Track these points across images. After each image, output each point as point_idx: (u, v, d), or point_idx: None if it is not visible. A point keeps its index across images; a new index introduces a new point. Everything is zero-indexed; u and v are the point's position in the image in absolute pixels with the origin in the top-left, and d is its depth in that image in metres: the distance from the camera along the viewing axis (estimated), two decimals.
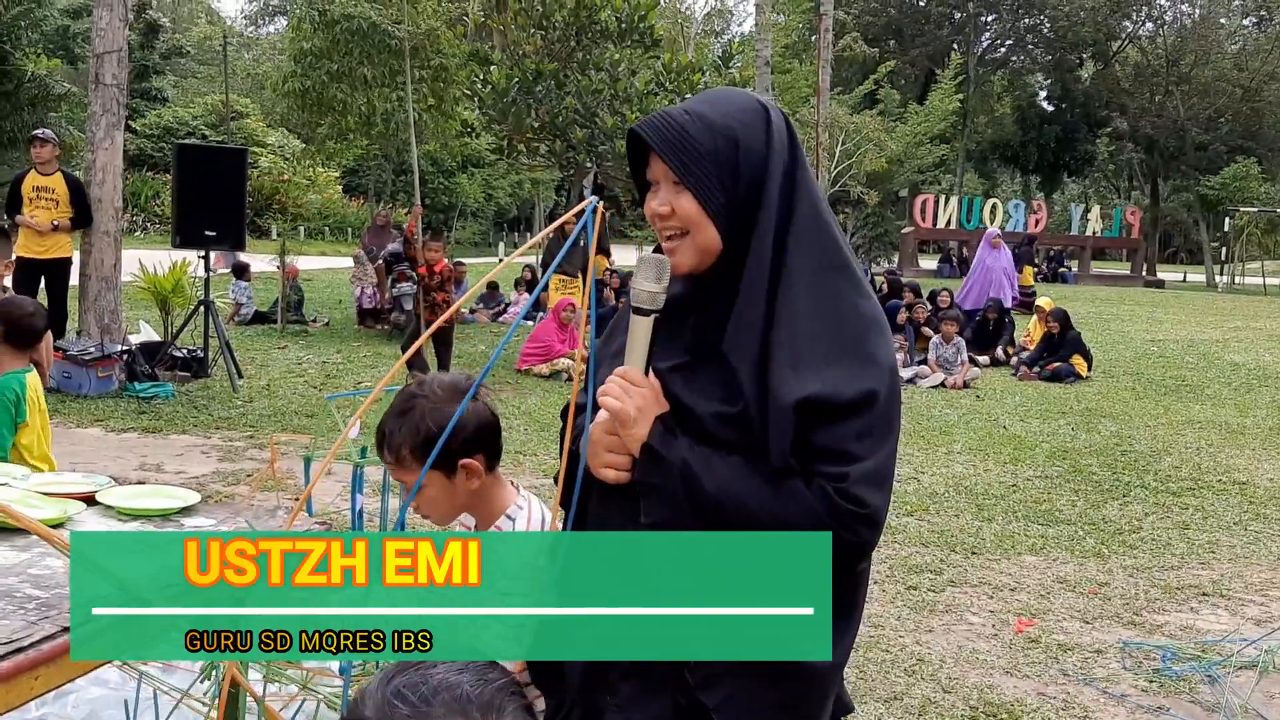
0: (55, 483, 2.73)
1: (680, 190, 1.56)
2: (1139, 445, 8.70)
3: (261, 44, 47.42)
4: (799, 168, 1.59)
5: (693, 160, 1.54)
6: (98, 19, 9.31)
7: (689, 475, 1.51)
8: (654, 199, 1.59)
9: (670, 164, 1.55)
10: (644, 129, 1.57)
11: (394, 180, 33.97)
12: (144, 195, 31.52)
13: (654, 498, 1.54)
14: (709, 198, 1.54)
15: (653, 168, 1.59)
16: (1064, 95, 48.38)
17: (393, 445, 2.00)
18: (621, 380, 1.57)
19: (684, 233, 1.57)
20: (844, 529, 1.48)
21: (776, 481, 1.49)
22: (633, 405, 1.55)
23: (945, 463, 7.80)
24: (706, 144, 1.54)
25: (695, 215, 1.55)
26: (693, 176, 1.54)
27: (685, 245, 1.58)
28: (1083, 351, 12.51)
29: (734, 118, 1.57)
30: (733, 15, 48.93)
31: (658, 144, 1.55)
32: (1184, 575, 5.48)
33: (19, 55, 23.36)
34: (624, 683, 1.56)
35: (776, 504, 1.49)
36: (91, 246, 9.28)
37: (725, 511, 1.50)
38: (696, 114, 1.57)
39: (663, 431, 1.54)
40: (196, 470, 6.58)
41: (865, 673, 4.03)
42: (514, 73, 13.64)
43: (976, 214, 32.52)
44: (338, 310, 15.75)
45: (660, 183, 1.59)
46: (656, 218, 1.59)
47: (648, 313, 1.58)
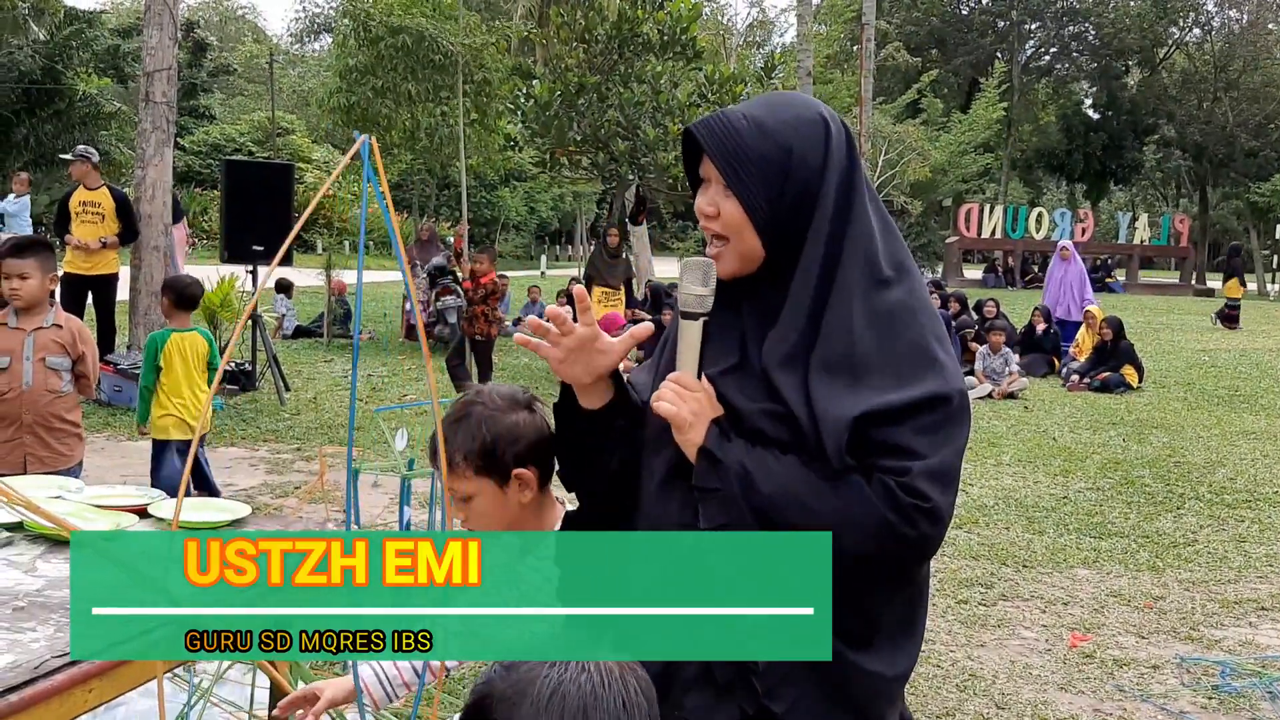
0: (108, 496, 2.75)
1: (727, 194, 1.54)
2: (1192, 456, 8.54)
3: (307, 61, 48.09)
4: (857, 178, 1.56)
5: (741, 166, 1.52)
6: (147, 38, 9.48)
7: (746, 478, 1.49)
8: (702, 196, 1.59)
9: (719, 167, 1.53)
10: (698, 129, 1.56)
11: (438, 195, 34.23)
12: (192, 211, 32.03)
13: (712, 502, 1.51)
14: (753, 205, 1.53)
15: (705, 166, 1.59)
16: (1110, 103, 47.78)
17: (448, 451, 1.95)
18: (675, 385, 1.55)
19: (726, 238, 1.56)
20: (905, 523, 1.46)
21: (835, 479, 1.48)
22: (688, 410, 1.53)
23: (994, 475, 7.70)
24: (757, 150, 1.52)
25: (738, 221, 1.54)
26: (740, 183, 1.52)
27: (727, 251, 1.57)
28: (1134, 362, 12.32)
29: (791, 126, 1.54)
30: (774, 26, 48.69)
31: (710, 145, 1.54)
32: (1241, 589, 5.36)
33: (70, 75, 23.87)
34: (688, 695, 1.54)
35: (837, 500, 1.47)
36: (142, 262, 9.42)
37: (784, 512, 1.48)
38: (753, 119, 1.55)
39: (718, 435, 1.52)
40: (245, 483, 6.64)
41: (917, 688, 3.97)
42: (556, 86, 13.72)
43: (1022, 223, 32.19)
44: (383, 324, 15.88)
45: (710, 182, 1.58)
46: (702, 216, 1.59)
47: (696, 316, 1.56)
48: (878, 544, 1.47)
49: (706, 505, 1.52)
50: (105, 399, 8.78)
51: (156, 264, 9.44)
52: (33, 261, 4.12)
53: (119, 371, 8.86)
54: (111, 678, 1.84)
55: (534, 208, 44.81)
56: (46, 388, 4.14)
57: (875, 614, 1.54)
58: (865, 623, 1.53)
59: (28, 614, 1.94)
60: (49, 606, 1.98)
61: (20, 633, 1.85)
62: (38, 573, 2.17)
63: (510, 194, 41.25)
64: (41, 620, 1.91)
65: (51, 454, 4.15)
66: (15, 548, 2.32)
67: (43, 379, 4.14)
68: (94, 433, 7.79)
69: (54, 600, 2.02)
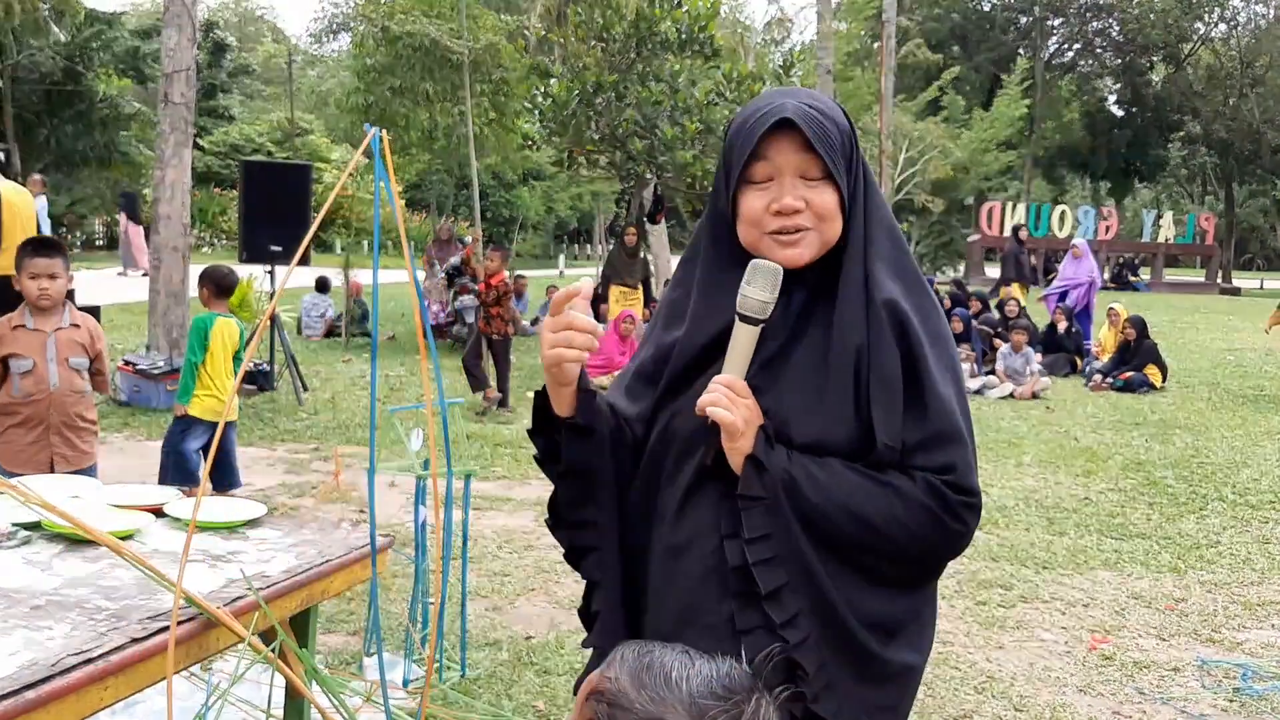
0: (125, 495, 2.77)
1: (815, 184, 1.53)
2: (1216, 457, 8.46)
3: (325, 62, 48.23)
4: (869, 172, 1.62)
5: (834, 154, 1.53)
6: (167, 39, 9.52)
7: (792, 486, 1.49)
8: (780, 193, 1.53)
9: (821, 156, 1.51)
10: (800, 119, 1.51)
11: (456, 194, 34.31)
12: (211, 212, 32.21)
13: (756, 510, 1.50)
14: (847, 191, 1.55)
15: (773, 162, 1.54)
16: (1134, 99, 47.45)
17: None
18: (727, 390, 1.52)
19: (805, 228, 1.54)
20: (956, 520, 1.51)
21: (880, 481, 1.50)
22: (740, 417, 1.51)
23: (1015, 475, 7.65)
24: (838, 137, 1.54)
25: (832, 209, 1.54)
26: (837, 170, 1.53)
27: (808, 239, 1.55)
28: (1157, 361, 12.22)
29: (839, 112, 1.58)
30: (793, 24, 48.65)
31: (814, 137, 1.51)
32: (1264, 591, 5.31)
33: (91, 76, 24.04)
34: None
35: (884, 503, 1.49)
36: (161, 263, 9.47)
37: (832, 519, 1.49)
38: (817, 108, 1.55)
39: (765, 443, 1.51)
40: (262, 482, 6.67)
41: (934, 690, 3.95)
42: (574, 85, 13.71)
43: (1045, 221, 31.98)
44: (401, 324, 15.92)
45: (783, 177, 1.54)
46: (777, 215, 1.54)
47: (756, 322, 1.52)
48: (926, 541, 1.51)
49: (750, 514, 1.51)
50: (125, 399, 8.83)
51: (176, 264, 9.48)
52: (60, 261, 4.14)
53: (139, 372, 8.91)
54: (128, 676, 1.85)
55: (552, 207, 44.87)
56: (72, 388, 4.18)
57: (908, 607, 1.57)
58: (901, 616, 1.56)
59: (45, 612, 1.95)
60: (66, 605, 1.99)
61: (38, 631, 1.86)
62: (54, 571, 2.19)
63: (529, 193, 41.32)
64: (58, 619, 1.92)
65: (76, 453, 4.20)
66: (33, 546, 2.34)
67: (68, 380, 4.17)
68: (113, 432, 7.84)
69: (71, 599, 2.03)
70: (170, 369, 8.82)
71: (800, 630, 1.48)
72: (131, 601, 2.03)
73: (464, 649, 3.97)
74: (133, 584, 2.12)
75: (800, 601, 1.49)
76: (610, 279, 13.34)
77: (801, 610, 1.48)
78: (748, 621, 1.49)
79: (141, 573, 2.08)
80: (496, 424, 8.88)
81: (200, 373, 5.54)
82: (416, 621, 3.93)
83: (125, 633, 1.88)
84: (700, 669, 1.16)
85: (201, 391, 5.54)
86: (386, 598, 4.58)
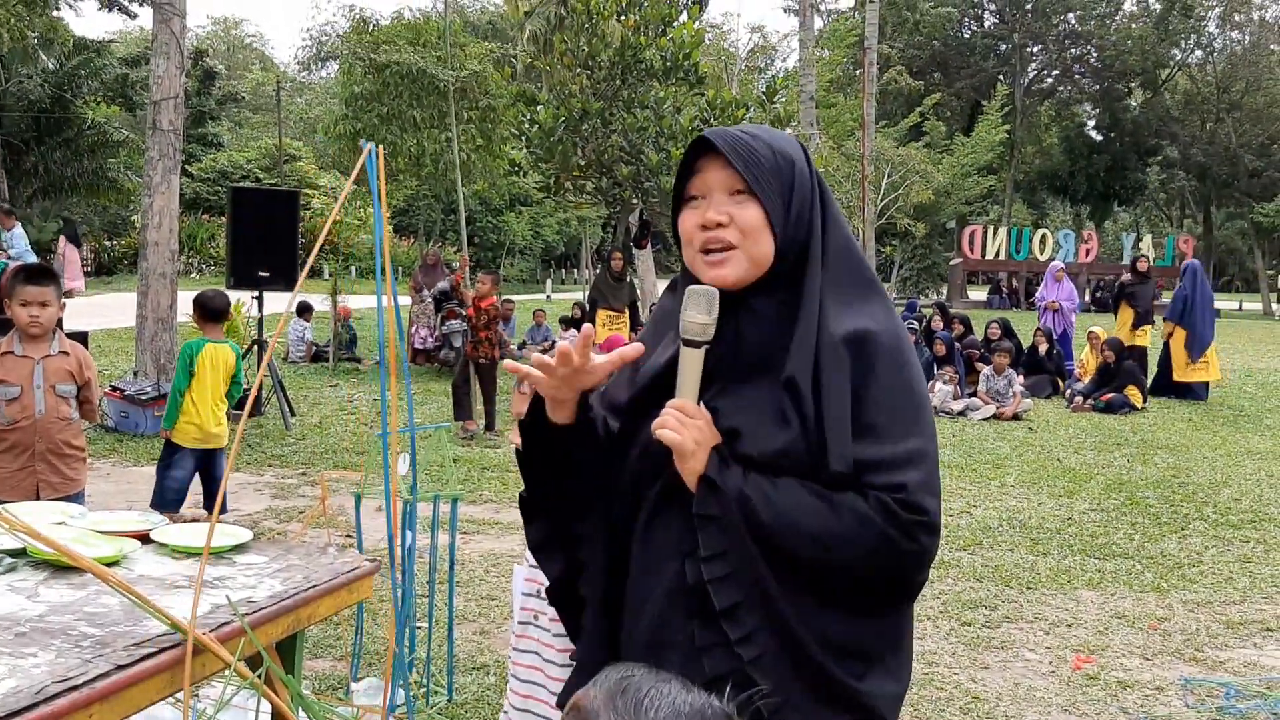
0: (111, 521, 2.77)
1: (742, 200, 1.59)
2: (1197, 477, 8.52)
3: (314, 88, 48.31)
4: (828, 195, 1.68)
5: (758, 170, 1.58)
6: (155, 67, 9.57)
7: (746, 504, 1.51)
8: (706, 209, 1.61)
9: (739, 171, 1.57)
10: (715, 137, 1.60)
11: (443, 219, 34.35)
12: (199, 238, 32.13)
13: (712, 529, 1.53)
14: (773, 208, 1.58)
15: (703, 179, 1.62)
16: (1113, 124, 47.90)
17: None
18: (678, 412, 1.56)
19: (731, 246, 1.59)
20: (907, 539, 1.50)
21: (833, 500, 1.50)
22: (690, 438, 1.54)
23: (998, 496, 7.69)
24: (770, 159, 1.60)
25: (756, 225, 1.58)
26: (759, 185, 1.57)
27: (735, 258, 1.59)
28: (1138, 382, 12.31)
29: (787, 143, 1.64)
30: (776, 51, 48.97)
31: (729, 152, 1.58)
32: (1247, 610, 5.35)
33: (79, 103, 24.03)
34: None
35: (836, 522, 1.49)
36: (148, 288, 9.48)
37: (784, 536, 1.50)
38: (750, 133, 1.62)
39: (718, 462, 1.54)
40: (250, 507, 6.65)
41: (919, 711, 3.97)
42: (560, 112, 13.79)
43: (1026, 244, 32.24)
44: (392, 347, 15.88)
45: (712, 194, 1.61)
46: (702, 229, 1.60)
47: (699, 344, 1.57)
48: (879, 560, 1.50)
49: (706, 532, 1.53)
50: (112, 424, 8.81)
51: (164, 290, 9.49)
52: (52, 289, 4.14)
53: (126, 398, 8.89)
54: (112, 703, 1.85)
55: (539, 232, 44.90)
56: (58, 415, 4.16)
57: (880, 634, 1.56)
58: (874, 644, 1.55)
59: (30, 639, 1.95)
60: (50, 632, 1.99)
61: (22, 658, 1.87)
62: (40, 598, 2.19)
63: (516, 218, 41.36)
64: (43, 646, 1.93)
65: (62, 480, 4.18)
66: (18, 574, 2.34)
67: (54, 407, 4.15)
68: (100, 459, 7.82)
69: (55, 626, 2.03)
70: (158, 394, 8.80)
71: (756, 646, 1.49)
72: (118, 628, 2.03)
73: (450, 673, 3.97)
74: (119, 610, 2.12)
75: (756, 618, 1.50)
76: (597, 303, 13.38)
77: (757, 627, 1.50)
78: (706, 639, 1.51)
79: (126, 599, 2.09)
80: (483, 448, 8.88)
81: (185, 399, 5.53)
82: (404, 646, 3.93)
83: (111, 659, 1.88)
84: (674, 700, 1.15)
85: (184, 419, 5.55)
86: (374, 622, 4.58)
